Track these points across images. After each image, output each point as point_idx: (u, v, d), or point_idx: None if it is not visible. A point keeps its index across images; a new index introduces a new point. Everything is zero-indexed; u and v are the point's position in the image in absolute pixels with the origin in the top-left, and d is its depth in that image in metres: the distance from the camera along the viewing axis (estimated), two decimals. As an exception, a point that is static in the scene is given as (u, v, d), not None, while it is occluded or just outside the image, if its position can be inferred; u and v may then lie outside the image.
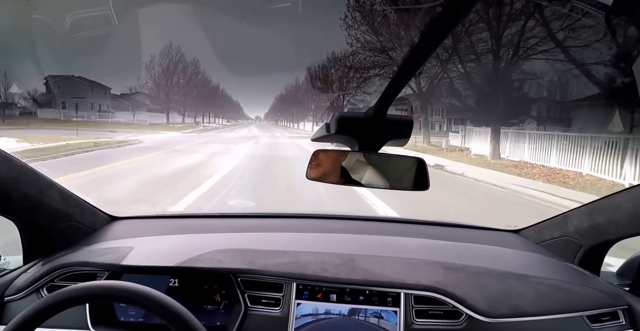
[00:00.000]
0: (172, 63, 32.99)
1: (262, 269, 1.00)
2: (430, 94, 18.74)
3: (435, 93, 19.64)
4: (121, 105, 33.23)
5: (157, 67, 32.25)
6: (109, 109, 32.86)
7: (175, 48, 32.36)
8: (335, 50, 24.35)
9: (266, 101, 62.21)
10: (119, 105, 32.58)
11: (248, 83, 56.04)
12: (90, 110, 31.24)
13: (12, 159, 0.91)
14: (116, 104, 32.60)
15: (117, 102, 32.75)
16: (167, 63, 32.68)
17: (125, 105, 33.92)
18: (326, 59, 26.26)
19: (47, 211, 1.05)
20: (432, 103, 31.92)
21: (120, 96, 33.45)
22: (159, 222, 1.45)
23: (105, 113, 31.48)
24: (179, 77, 34.32)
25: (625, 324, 0.98)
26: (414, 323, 0.96)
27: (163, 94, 32.99)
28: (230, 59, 57.07)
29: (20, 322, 0.64)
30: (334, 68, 26.70)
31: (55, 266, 1.01)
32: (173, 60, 32.77)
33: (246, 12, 24.77)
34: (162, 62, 32.38)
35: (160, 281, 1.02)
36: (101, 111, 32.03)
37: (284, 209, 4.35)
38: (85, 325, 0.96)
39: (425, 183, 0.77)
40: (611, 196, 1.05)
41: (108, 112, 32.25)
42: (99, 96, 32.21)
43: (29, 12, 14.20)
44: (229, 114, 63.42)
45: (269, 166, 9.46)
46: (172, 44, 31.64)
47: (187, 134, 23.33)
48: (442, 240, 1.28)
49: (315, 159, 0.80)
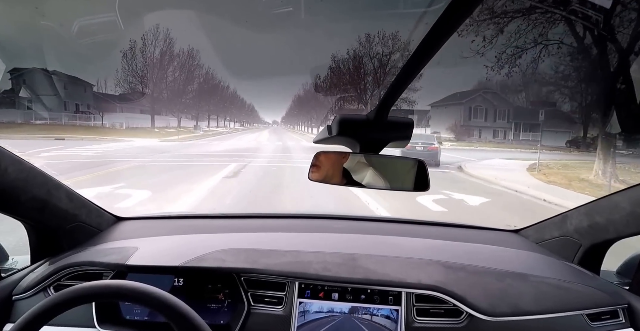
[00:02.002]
0: (159, 51, 25.51)
1: (265, 268, 1.01)
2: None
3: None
4: (112, 106, 27.83)
5: (139, 56, 24.87)
6: (88, 110, 27.66)
7: (164, 32, 25.02)
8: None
9: (283, 104, 60.86)
10: (110, 106, 28.01)
11: (263, 86, 56.49)
12: (64, 110, 26.18)
13: (21, 161, 0.93)
14: (103, 104, 27.72)
15: (104, 103, 27.93)
16: (151, 51, 25.24)
17: (120, 105, 29.09)
18: (358, 45, 23.73)
19: (54, 212, 1.07)
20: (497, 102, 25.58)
21: (119, 96, 28.74)
22: (163, 222, 1.47)
23: (85, 114, 26.49)
24: (174, 72, 26.86)
25: (625, 322, 0.98)
26: (415, 321, 0.97)
27: (149, 91, 25.56)
28: (242, 61, 56.41)
29: (27, 320, 0.65)
30: (369, 56, 23.98)
31: (62, 266, 1.04)
32: (160, 47, 25.30)
33: (253, 13, 22.62)
34: (146, 50, 25.01)
35: (165, 280, 1.04)
36: (80, 112, 26.84)
37: (286, 210, 4.42)
38: (92, 323, 0.97)
39: (426, 184, 0.78)
40: (610, 196, 1.05)
41: (87, 113, 27.06)
42: (75, 94, 26.98)
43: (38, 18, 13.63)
44: (243, 118, 58.04)
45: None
46: (159, 26, 24.38)
47: (166, 142, 18.55)
48: (442, 240, 1.28)
49: (316, 160, 0.81)
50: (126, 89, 26.16)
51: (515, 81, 21.36)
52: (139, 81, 25.77)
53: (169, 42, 25.92)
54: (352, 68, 24.13)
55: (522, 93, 27.14)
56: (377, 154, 0.77)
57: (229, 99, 42.28)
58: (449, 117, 27.55)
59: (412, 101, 25.30)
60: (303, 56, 49.71)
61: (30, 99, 24.65)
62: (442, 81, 30.18)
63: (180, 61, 27.84)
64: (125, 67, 25.03)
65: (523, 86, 22.92)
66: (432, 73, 22.18)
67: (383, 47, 23.29)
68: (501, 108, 28.37)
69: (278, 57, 53.23)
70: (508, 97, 27.87)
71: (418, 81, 24.41)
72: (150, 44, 25.21)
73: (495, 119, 28.43)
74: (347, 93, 24.37)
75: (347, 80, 24.84)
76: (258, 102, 67.96)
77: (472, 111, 28.50)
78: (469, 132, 28.05)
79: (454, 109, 28.67)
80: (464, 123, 28.16)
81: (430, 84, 25.29)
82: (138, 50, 24.93)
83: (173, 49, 26.54)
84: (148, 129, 25.26)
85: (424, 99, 26.95)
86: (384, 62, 23.01)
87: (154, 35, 25.03)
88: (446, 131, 27.78)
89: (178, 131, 25.73)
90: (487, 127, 28.00)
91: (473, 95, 28.13)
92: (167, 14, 25.59)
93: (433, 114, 31.86)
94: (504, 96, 27.85)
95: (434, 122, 30.01)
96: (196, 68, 29.94)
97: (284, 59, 54.09)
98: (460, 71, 27.01)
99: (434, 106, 31.61)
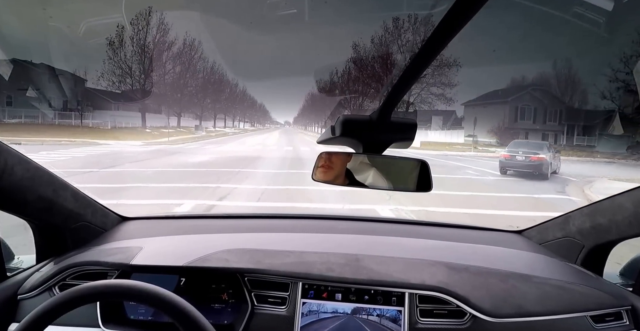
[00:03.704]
0: (151, 39, 22.01)
1: (268, 269, 1.07)
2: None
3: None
4: (106, 104, 25.65)
5: (128, 44, 21.46)
6: (76, 107, 24.75)
7: (158, 17, 21.58)
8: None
9: (295, 105, 60.47)
10: (104, 104, 25.57)
11: (274, 86, 55.90)
12: (50, 108, 23.42)
13: (28, 161, 0.97)
14: (98, 101, 25.15)
15: (98, 100, 25.23)
16: (143, 37, 21.81)
17: (116, 103, 26.28)
18: (383, 30, 22.70)
19: (60, 212, 1.13)
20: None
21: (118, 93, 26.06)
22: (168, 222, 1.52)
23: (66, 113, 23.68)
24: (169, 63, 23.37)
25: (629, 324, 1.02)
26: (419, 322, 1.02)
27: (138, 85, 22.14)
28: (254, 61, 54.73)
29: (33, 320, 0.67)
30: (399, 41, 22.70)
31: (67, 265, 1.08)
32: (152, 34, 21.85)
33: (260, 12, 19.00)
34: (137, 36, 21.59)
35: (169, 280, 1.09)
36: (68, 110, 24.13)
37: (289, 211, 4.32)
38: (96, 323, 1.02)
39: (428, 184, 0.82)
40: (613, 197, 1.10)
41: (74, 111, 24.20)
42: (63, 90, 24.20)
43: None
44: (254, 118, 55.63)
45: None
46: (152, 8, 20.99)
47: (147, 147, 16.12)
48: (445, 241, 1.33)
49: (320, 161, 0.86)
50: (113, 83, 22.91)
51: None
52: (127, 73, 22.38)
53: (163, 29, 22.54)
54: (377, 57, 21.58)
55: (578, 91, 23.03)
56: (380, 154, 0.81)
57: (239, 98, 38.92)
58: (489, 118, 23.29)
59: (448, 98, 21.59)
60: (313, 57, 48.08)
61: (8, 95, 21.67)
62: (475, 79, 26.90)
63: (177, 50, 24.45)
64: (111, 56, 21.69)
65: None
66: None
67: (415, 35, 22.23)
68: (552, 108, 23.81)
69: (288, 59, 52.90)
70: (561, 95, 23.35)
71: (456, 75, 21.06)
72: (142, 30, 21.78)
73: (545, 121, 23.98)
74: (371, 88, 21.08)
75: (368, 74, 23.68)
76: (270, 102, 67.50)
77: (519, 111, 24.10)
78: (513, 135, 23.64)
79: (495, 108, 24.61)
80: (509, 125, 23.73)
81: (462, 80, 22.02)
82: (127, 37, 21.48)
83: (167, 37, 23.17)
84: (139, 130, 22.12)
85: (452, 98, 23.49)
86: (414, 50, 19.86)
87: (145, 19, 21.57)
88: (487, 135, 23.45)
89: (173, 132, 22.82)
90: (535, 130, 23.60)
91: (520, 92, 23.68)
92: (172, 13, 24.29)
93: (467, 115, 27.49)
94: (556, 93, 23.35)
95: (468, 124, 25.71)
96: (198, 61, 26.48)
97: (294, 60, 54.07)
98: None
99: (467, 105, 27.40)
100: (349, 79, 25.48)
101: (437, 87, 22.19)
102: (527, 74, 26.36)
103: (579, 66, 24.08)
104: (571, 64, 24.88)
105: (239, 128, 46.01)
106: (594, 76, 21.22)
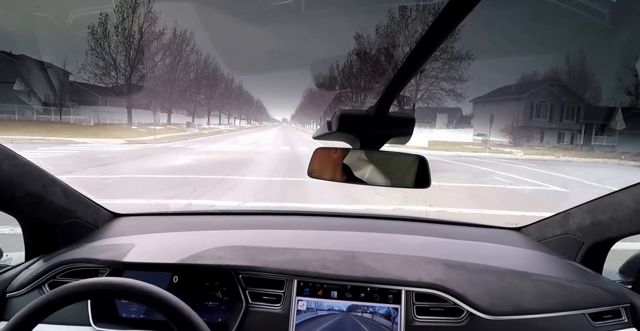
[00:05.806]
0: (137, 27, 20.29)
1: (263, 266, 1.08)
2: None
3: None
4: (94, 99, 24.12)
5: (112, 34, 19.74)
6: (56, 102, 23.27)
7: (146, 5, 19.80)
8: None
9: (293, 102, 60.67)
10: (92, 99, 24.11)
11: (271, 82, 55.49)
12: (23, 102, 22.05)
13: (16, 156, 0.98)
14: (86, 96, 23.55)
15: (86, 95, 23.58)
16: (129, 27, 20.06)
17: (104, 98, 24.80)
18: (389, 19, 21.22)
19: (50, 208, 1.13)
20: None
21: (111, 87, 24.30)
22: (161, 219, 1.52)
23: (46, 108, 22.57)
24: (157, 55, 21.68)
25: (628, 322, 1.03)
26: (415, 320, 1.04)
27: (124, 78, 20.48)
28: (250, 54, 53.95)
29: (21, 318, 0.67)
30: (397, 35, 21.13)
31: (57, 263, 1.09)
32: (139, 23, 20.10)
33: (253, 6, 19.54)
34: (121, 25, 19.86)
35: (162, 277, 1.10)
36: (48, 105, 22.86)
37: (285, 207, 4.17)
38: (87, 321, 1.02)
39: (427, 180, 0.82)
40: (613, 194, 1.11)
41: (55, 105, 22.85)
42: (46, 84, 22.95)
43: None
44: (251, 115, 54.58)
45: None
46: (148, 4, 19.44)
47: (128, 146, 14.82)
48: (443, 238, 1.34)
49: (316, 157, 0.86)
50: (95, 75, 21.28)
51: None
52: (112, 66, 20.68)
53: (151, 17, 20.88)
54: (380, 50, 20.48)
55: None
56: (377, 150, 0.81)
57: (234, 94, 37.29)
58: (502, 115, 21.82)
59: (458, 94, 20.15)
60: (312, 49, 47.76)
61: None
62: (482, 74, 25.63)
63: (167, 41, 22.74)
64: (93, 46, 20.03)
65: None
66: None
67: (423, 24, 20.78)
68: (570, 105, 22.25)
69: (285, 53, 53.31)
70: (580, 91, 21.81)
71: (468, 69, 19.65)
72: (127, 18, 20.06)
73: (562, 119, 22.46)
74: (376, 83, 19.82)
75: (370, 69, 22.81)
76: (267, 99, 67.69)
77: (534, 108, 22.50)
78: (528, 135, 22.05)
79: (508, 105, 23.11)
80: (524, 123, 22.16)
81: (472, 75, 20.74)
82: (111, 25, 19.82)
83: (155, 27, 21.47)
84: (124, 127, 20.39)
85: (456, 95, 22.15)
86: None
87: (131, 7, 19.86)
88: (499, 133, 21.91)
89: (162, 129, 21.21)
90: (551, 129, 22.04)
91: (536, 87, 22.06)
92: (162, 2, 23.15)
93: (476, 112, 25.92)
94: (574, 89, 21.78)
95: (478, 122, 24.15)
96: (190, 53, 24.80)
97: (291, 54, 52.60)
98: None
99: (477, 102, 25.83)
100: (350, 74, 24.15)
101: (447, 82, 20.87)
102: (539, 69, 25.01)
103: (601, 59, 22.67)
104: (590, 58, 23.39)
105: (235, 125, 45.26)
106: (619, 70, 19.80)
